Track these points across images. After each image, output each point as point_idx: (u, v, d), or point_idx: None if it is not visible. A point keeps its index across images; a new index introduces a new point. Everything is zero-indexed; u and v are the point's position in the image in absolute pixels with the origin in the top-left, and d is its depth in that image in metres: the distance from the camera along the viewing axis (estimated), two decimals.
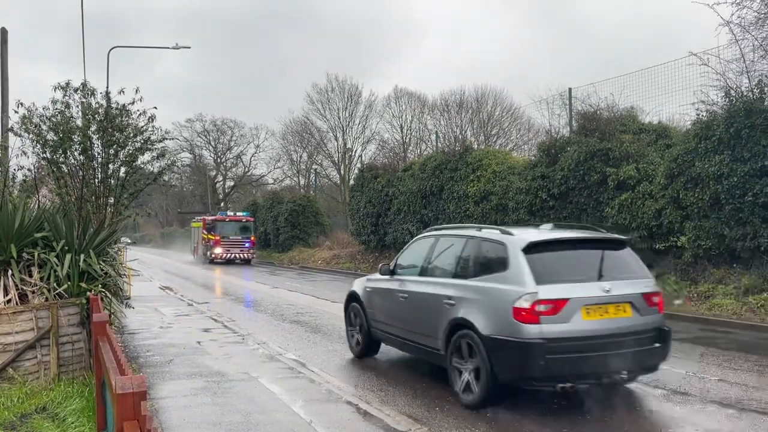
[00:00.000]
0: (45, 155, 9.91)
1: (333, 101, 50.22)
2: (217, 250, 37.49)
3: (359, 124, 50.35)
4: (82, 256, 8.10)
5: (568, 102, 20.01)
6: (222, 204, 69.89)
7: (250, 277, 27.04)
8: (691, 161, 14.29)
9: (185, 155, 68.67)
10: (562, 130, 20.10)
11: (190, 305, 16.51)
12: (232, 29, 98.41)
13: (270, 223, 41.81)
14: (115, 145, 10.31)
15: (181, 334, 11.72)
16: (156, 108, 10.84)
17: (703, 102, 14.26)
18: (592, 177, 17.02)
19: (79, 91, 10.34)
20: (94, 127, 10.18)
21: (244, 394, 7.31)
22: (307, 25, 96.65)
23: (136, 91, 10.58)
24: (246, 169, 70.02)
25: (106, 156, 10.32)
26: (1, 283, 7.72)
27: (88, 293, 7.74)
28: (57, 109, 10.08)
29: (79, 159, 10.05)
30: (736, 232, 13.34)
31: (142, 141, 10.67)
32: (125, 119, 10.45)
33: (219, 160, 71.34)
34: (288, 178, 60.70)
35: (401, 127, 47.26)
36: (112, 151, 10.35)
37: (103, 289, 8.22)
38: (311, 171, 53.88)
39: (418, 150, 44.64)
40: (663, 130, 17.77)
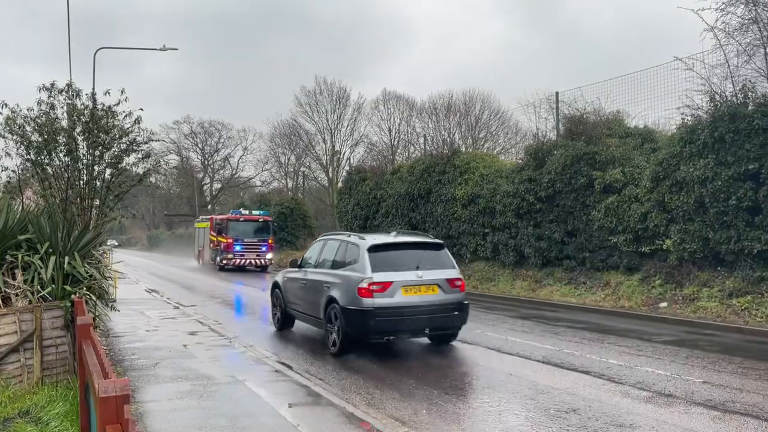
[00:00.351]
0: (29, 157, 9.83)
1: (321, 104, 50.25)
2: (228, 255, 31.98)
3: (348, 126, 50.42)
4: (67, 259, 8.03)
5: (555, 106, 20.12)
6: (209, 206, 69.51)
7: (238, 280, 26.91)
8: (676, 165, 14.42)
9: (172, 157, 68.38)
10: (549, 134, 20.24)
11: (176, 308, 16.40)
12: (221, 31, 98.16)
13: None
14: (100, 147, 10.26)
15: (167, 337, 11.63)
16: (142, 110, 10.80)
17: (688, 106, 14.39)
18: (579, 180, 17.13)
19: (64, 92, 10.28)
20: (79, 128, 10.12)
21: (230, 397, 7.27)
22: (296, 28, 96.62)
23: (122, 92, 10.54)
24: (234, 172, 69.81)
25: (92, 157, 10.26)
26: None
27: (73, 296, 7.67)
28: (42, 110, 10.01)
29: (64, 160, 9.98)
30: (720, 236, 13.47)
31: (128, 142, 10.62)
32: (111, 121, 10.39)
33: (206, 162, 71.05)
34: (276, 181, 60.62)
35: (389, 130, 47.34)
36: (97, 152, 10.29)
37: (88, 292, 8.15)
38: (299, 173, 53.79)
39: (407, 153, 44.72)
40: (648, 134, 17.93)
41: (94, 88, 13.74)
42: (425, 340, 10.79)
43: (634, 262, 15.96)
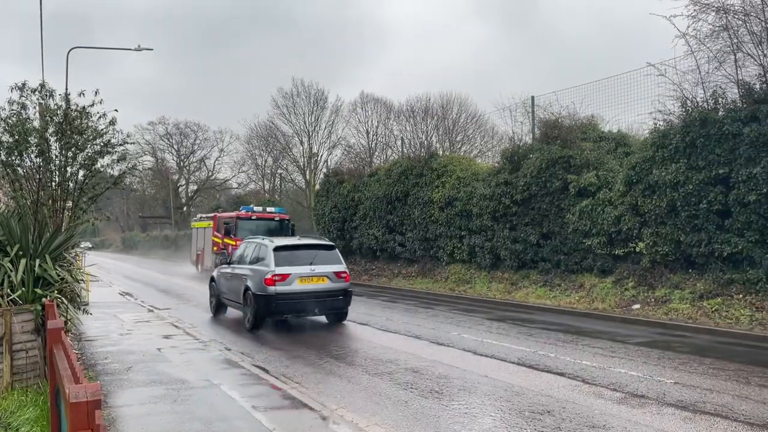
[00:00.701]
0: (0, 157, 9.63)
1: (299, 106, 50.01)
2: None
3: (325, 129, 50.24)
4: (38, 262, 7.89)
5: (530, 110, 20.31)
6: (185, 208, 68.81)
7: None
8: (649, 169, 14.66)
9: (147, 158, 67.50)
10: (525, 138, 20.41)
11: (150, 311, 16.21)
12: (198, 31, 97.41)
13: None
14: (73, 148, 10.09)
15: (141, 340, 11.50)
16: (117, 111, 10.66)
17: (660, 111, 14.65)
18: (554, 184, 17.32)
19: (36, 92, 10.09)
20: (52, 129, 9.94)
21: (205, 401, 7.21)
22: (274, 29, 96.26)
23: (96, 93, 10.38)
24: (210, 173, 69.18)
25: (65, 159, 10.08)
26: None
27: (44, 299, 7.54)
28: (13, 110, 9.82)
29: (35, 162, 9.79)
30: (691, 239, 13.72)
31: (102, 144, 10.46)
32: (85, 122, 10.23)
33: (182, 164, 70.31)
34: (253, 183, 60.13)
35: (367, 133, 47.29)
36: (70, 153, 10.11)
37: (60, 295, 8.02)
38: (276, 175, 53.48)
39: (384, 155, 44.70)
40: (622, 139, 18.20)
41: (67, 88, 13.55)
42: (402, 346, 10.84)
43: (607, 265, 16.18)
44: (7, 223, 8.18)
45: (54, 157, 10.04)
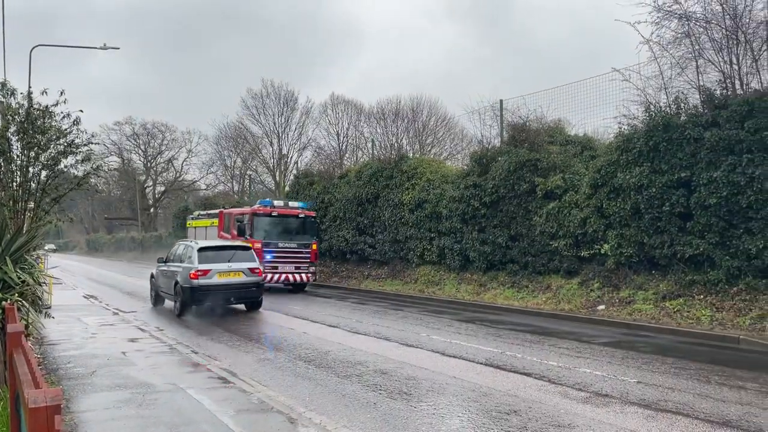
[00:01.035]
0: None
1: (269, 107, 49.73)
2: None
3: (295, 130, 50.05)
4: None
5: (499, 113, 20.53)
6: (152, 210, 67.79)
7: None
8: (614, 172, 14.95)
9: (113, 159, 66.34)
10: (494, 141, 20.61)
11: (115, 314, 15.93)
12: (169, 31, 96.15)
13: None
14: (36, 148, 9.89)
15: (106, 344, 11.29)
16: (82, 111, 10.48)
17: (624, 116, 14.96)
18: (522, 186, 17.54)
19: None
20: (13, 128, 9.74)
21: (171, 405, 7.11)
22: (246, 30, 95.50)
23: (62, 93, 10.19)
24: (177, 174, 68.26)
25: (26, 159, 9.87)
26: None
27: (3, 303, 7.35)
28: None
29: None
30: (654, 240, 14.03)
31: (66, 144, 10.27)
32: (48, 121, 10.03)
33: (149, 165, 69.24)
34: (221, 184, 59.52)
35: (338, 135, 47.21)
36: (32, 153, 9.91)
37: (20, 299, 7.84)
38: (245, 177, 53.03)
39: (355, 157, 44.68)
40: (588, 142, 18.53)
41: (29, 87, 13.24)
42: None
43: (573, 266, 16.44)
44: None
45: (15, 157, 9.83)
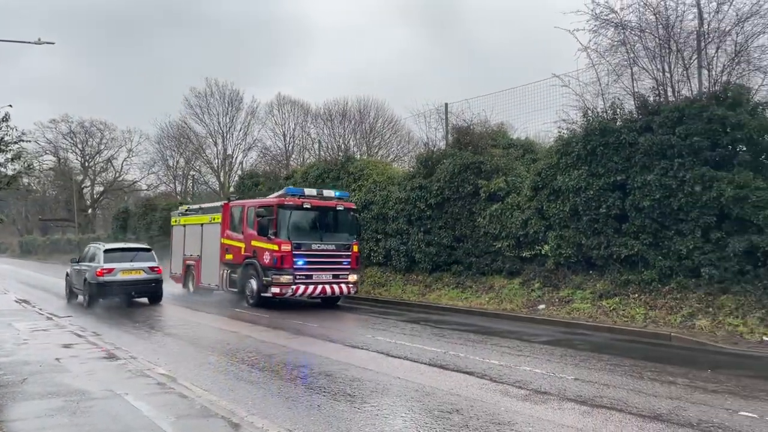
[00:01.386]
0: None
1: (213, 106, 48.72)
2: (284, 276, 16.74)
3: (240, 130, 49.23)
4: None
5: (444, 116, 20.79)
6: (90, 210, 65.49)
7: None
8: (554, 175, 15.36)
9: (48, 158, 63.80)
10: (439, 143, 20.87)
11: (49, 319, 15.34)
12: (108, 28, 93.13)
13: (143, 232, 39.73)
14: None
15: (38, 350, 10.85)
16: (11, 106, 10.08)
17: (564, 120, 15.43)
18: (466, 188, 17.82)
19: None
20: None
21: (108, 412, 6.89)
22: (187, 27, 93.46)
23: None
24: (117, 174, 66.17)
25: None
26: None
27: None
28: None
29: None
30: (592, 241, 14.49)
31: None
32: None
33: (87, 164, 66.80)
34: (163, 184, 57.96)
35: (284, 135, 46.74)
36: None
37: None
38: (188, 177, 51.83)
39: (301, 158, 44.35)
40: (529, 146, 19.02)
41: None
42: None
43: (515, 267, 16.80)
44: None
45: None
